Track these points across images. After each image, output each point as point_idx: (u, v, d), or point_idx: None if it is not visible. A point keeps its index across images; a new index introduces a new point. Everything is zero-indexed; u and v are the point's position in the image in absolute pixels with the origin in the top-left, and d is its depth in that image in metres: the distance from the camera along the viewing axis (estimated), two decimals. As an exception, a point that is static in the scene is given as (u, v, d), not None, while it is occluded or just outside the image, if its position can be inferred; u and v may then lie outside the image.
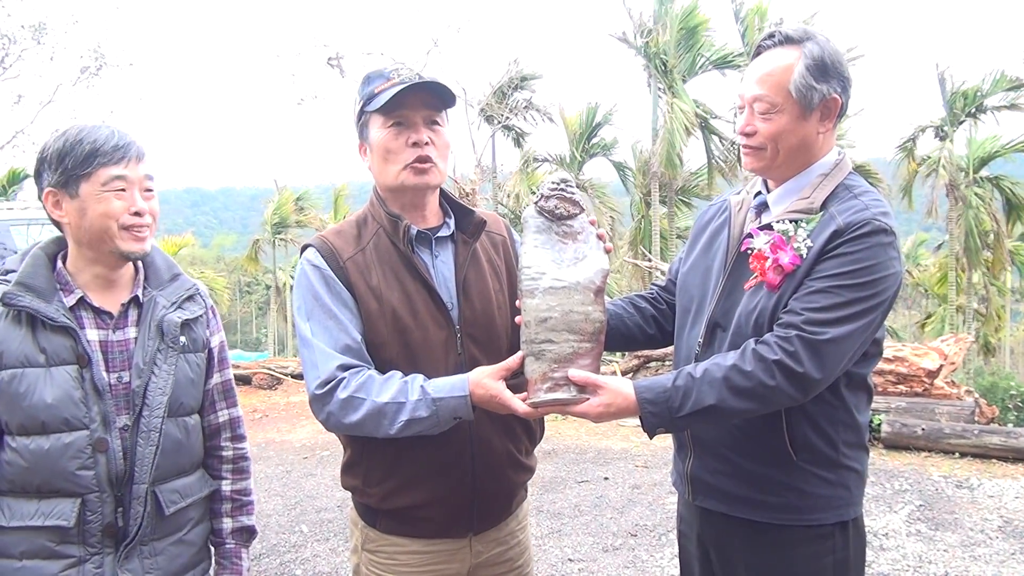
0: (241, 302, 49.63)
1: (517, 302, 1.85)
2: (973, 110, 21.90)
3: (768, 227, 1.83)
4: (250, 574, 4.42)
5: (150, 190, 1.80)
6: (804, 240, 1.76)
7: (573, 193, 1.88)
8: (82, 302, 1.77)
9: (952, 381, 8.33)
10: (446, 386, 1.79)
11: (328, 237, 1.97)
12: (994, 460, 6.63)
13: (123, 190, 1.74)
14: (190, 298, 1.91)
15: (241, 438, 2.04)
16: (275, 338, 40.80)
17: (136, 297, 1.84)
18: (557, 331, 1.77)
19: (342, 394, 1.80)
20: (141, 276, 1.87)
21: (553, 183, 1.88)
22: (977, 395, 8.37)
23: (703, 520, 1.99)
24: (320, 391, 1.82)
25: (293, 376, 11.21)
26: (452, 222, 2.02)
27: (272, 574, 4.53)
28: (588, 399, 1.77)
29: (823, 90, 1.78)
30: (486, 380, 1.78)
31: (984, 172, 22.86)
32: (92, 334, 1.77)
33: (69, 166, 1.72)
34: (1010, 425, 8.13)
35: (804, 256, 1.75)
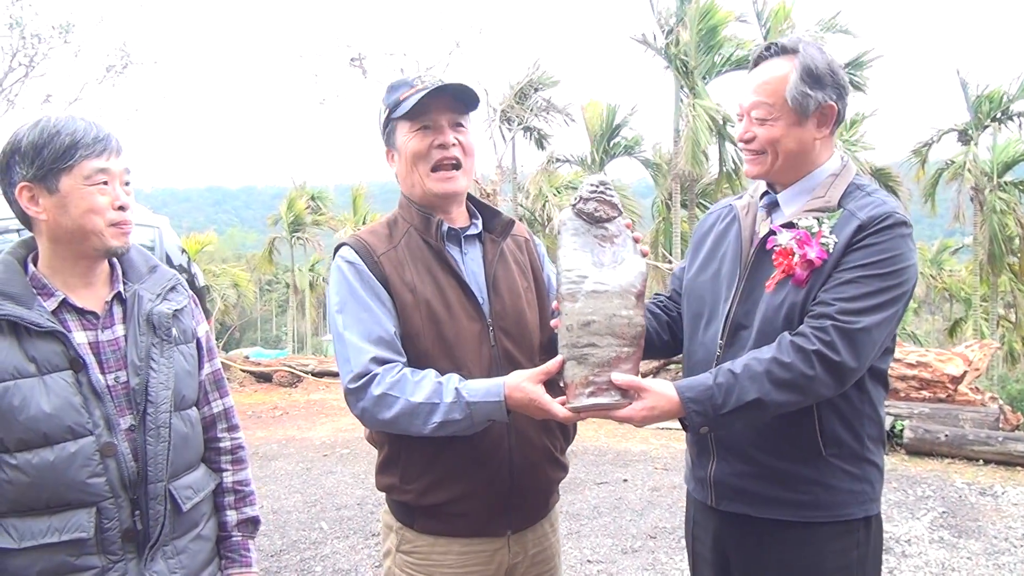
0: (262, 300, 49.94)
1: (554, 304, 1.84)
2: (999, 114, 21.67)
3: (790, 225, 1.86)
4: (269, 571, 4.46)
5: (128, 183, 1.72)
6: (829, 235, 1.80)
7: (612, 196, 1.87)
8: (64, 304, 1.68)
9: (976, 387, 8.24)
10: (481, 390, 1.78)
11: (362, 236, 1.99)
12: (1018, 467, 6.54)
13: (106, 183, 1.66)
14: (172, 288, 1.84)
15: (236, 428, 1.99)
16: (295, 336, 41.03)
17: (119, 293, 1.76)
18: (600, 335, 1.75)
19: (376, 390, 1.80)
20: (118, 271, 1.78)
21: (592, 185, 1.86)
22: (1001, 401, 8.28)
23: (724, 523, 1.98)
24: (353, 385, 1.83)
25: (313, 374, 11.28)
26: (479, 223, 2.04)
27: (292, 570, 4.55)
28: (630, 403, 1.76)
29: (818, 97, 1.84)
30: (525, 384, 1.77)
31: (1008, 177, 22.62)
32: (80, 336, 1.68)
33: (48, 159, 1.61)
34: (1035, 432, 8.03)
35: (830, 250, 1.79)
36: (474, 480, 1.91)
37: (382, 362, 1.83)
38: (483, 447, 1.89)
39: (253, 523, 1.99)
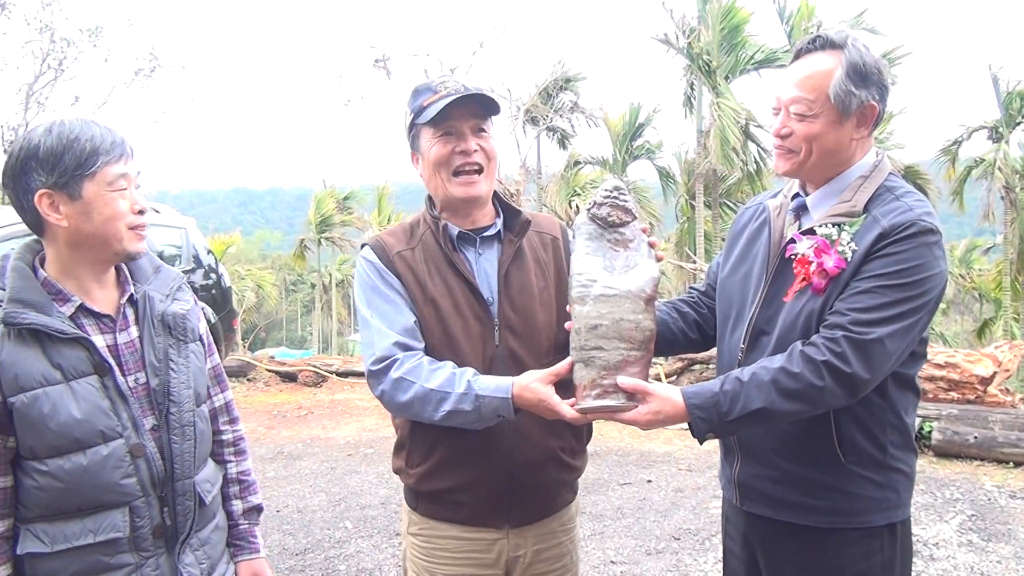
0: (287, 300, 50.31)
1: (568, 307, 1.87)
2: (1030, 111, 21.32)
3: (811, 231, 1.83)
4: (293, 569, 4.50)
5: (139, 187, 1.75)
6: (848, 243, 1.76)
7: (626, 201, 1.88)
8: (80, 309, 1.70)
9: (1006, 388, 8.11)
10: (491, 385, 1.84)
11: (382, 237, 2.10)
12: (1050, 471, 6.44)
13: (125, 189, 1.68)
14: (179, 288, 1.87)
15: (236, 420, 2.06)
16: (320, 336, 41.26)
17: (131, 295, 1.79)
18: (607, 338, 1.79)
19: (395, 374, 1.89)
20: (125, 273, 1.81)
21: (606, 190, 1.89)
22: (1032, 403, 8.14)
23: (750, 523, 1.99)
24: (375, 367, 1.92)
25: (338, 374, 11.33)
26: (500, 221, 2.08)
27: (316, 569, 4.59)
28: (636, 406, 1.78)
29: (862, 96, 1.78)
30: (535, 384, 1.82)
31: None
32: (99, 340, 1.70)
33: (71, 166, 1.61)
34: (1067, 435, 7.89)
35: (849, 259, 1.75)
36: (471, 473, 1.97)
37: (404, 348, 1.91)
38: (482, 442, 1.94)
39: (257, 511, 2.06)
